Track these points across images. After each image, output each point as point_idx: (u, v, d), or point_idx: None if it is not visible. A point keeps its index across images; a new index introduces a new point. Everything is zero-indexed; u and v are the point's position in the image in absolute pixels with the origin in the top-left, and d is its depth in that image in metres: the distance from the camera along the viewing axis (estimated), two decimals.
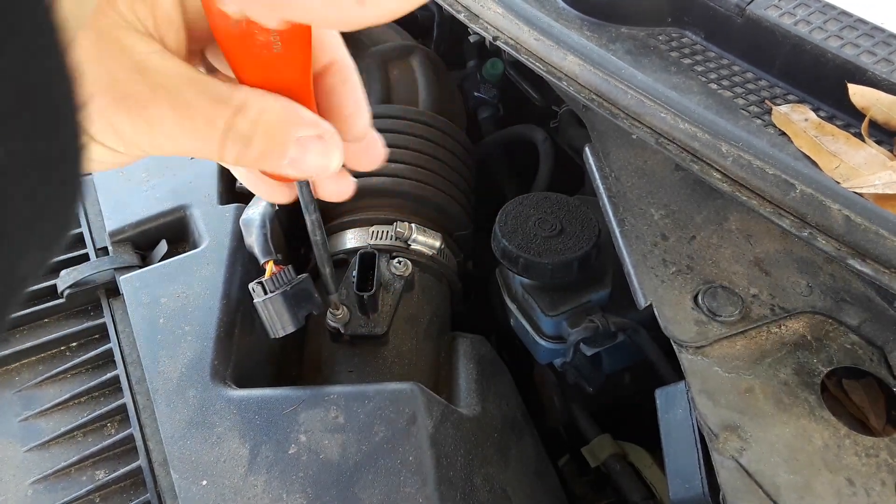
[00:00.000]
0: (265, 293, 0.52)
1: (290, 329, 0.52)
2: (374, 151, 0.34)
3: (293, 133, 0.27)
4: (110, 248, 0.66)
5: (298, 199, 0.45)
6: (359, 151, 0.33)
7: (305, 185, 0.38)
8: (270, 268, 0.54)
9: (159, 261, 0.64)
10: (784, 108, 0.56)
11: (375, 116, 0.79)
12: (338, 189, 0.35)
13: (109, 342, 0.60)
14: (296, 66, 0.26)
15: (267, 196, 0.35)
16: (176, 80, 0.25)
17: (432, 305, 0.69)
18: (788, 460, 0.40)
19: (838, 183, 0.49)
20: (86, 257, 0.66)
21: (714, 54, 0.63)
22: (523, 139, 0.93)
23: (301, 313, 0.53)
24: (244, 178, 0.35)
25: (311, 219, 0.52)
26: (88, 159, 0.26)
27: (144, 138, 0.25)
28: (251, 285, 0.53)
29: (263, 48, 0.25)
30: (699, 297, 0.47)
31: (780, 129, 0.55)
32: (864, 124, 0.53)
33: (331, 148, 0.28)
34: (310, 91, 0.28)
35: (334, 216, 0.74)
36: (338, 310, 0.60)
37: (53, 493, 0.52)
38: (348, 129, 0.31)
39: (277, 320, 0.52)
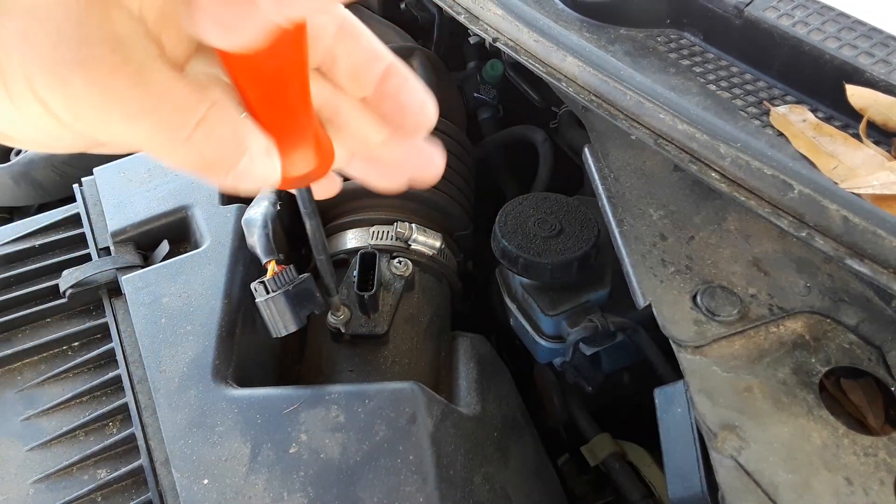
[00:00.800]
0: (267, 292, 0.52)
1: (292, 328, 0.53)
2: (432, 162, 0.32)
3: (249, 142, 0.25)
4: (112, 248, 0.66)
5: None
6: (415, 162, 0.32)
7: (306, 189, 0.37)
8: (272, 267, 0.54)
9: (161, 261, 0.64)
10: (782, 109, 0.57)
11: None
12: (324, 187, 0.33)
13: (111, 342, 0.60)
14: (294, 83, 0.25)
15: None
16: (150, 60, 0.22)
17: (432, 305, 0.69)
18: (787, 459, 0.40)
19: (836, 183, 0.49)
20: (88, 257, 0.67)
21: (713, 55, 0.64)
22: (523, 140, 0.93)
23: (303, 313, 0.53)
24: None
25: (311, 224, 0.52)
26: (21, 125, 0.23)
27: (95, 106, 0.22)
28: (253, 285, 0.53)
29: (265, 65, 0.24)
30: (698, 297, 0.47)
31: (778, 130, 0.56)
32: (862, 125, 0.54)
33: (270, 162, 0.26)
34: (309, 105, 0.26)
35: (335, 216, 0.74)
36: (339, 312, 0.60)
37: (55, 493, 0.52)
38: (418, 126, 0.30)
39: (279, 319, 0.53)
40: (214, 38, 0.21)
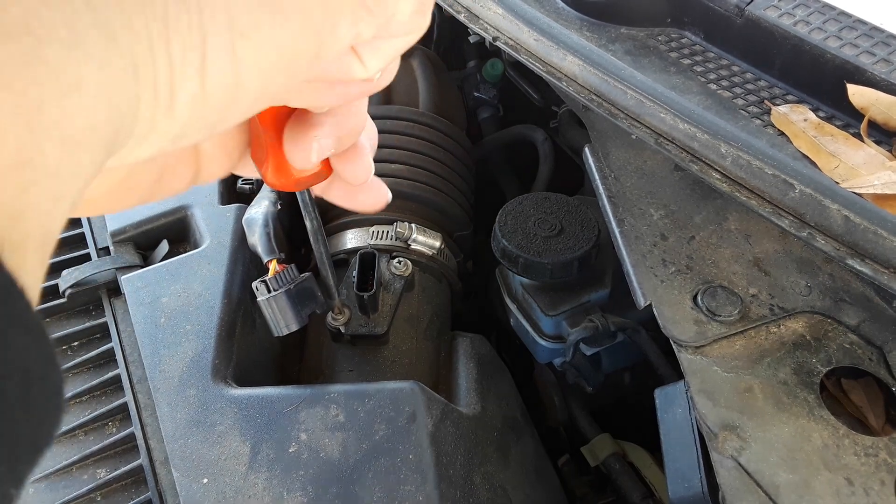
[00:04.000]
0: (269, 291, 0.52)
1: (294, 327, 0.53)
2: (377, 194, 0.33)
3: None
4: (112, 247, 0.66)
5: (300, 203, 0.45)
6: (362, 194, 0.33)
7: (307, 190, 0.38)
8: (274, 266, 0.54)
9: (160, 260, 0.64)
10: (783, 109, 0.56)
11: (375, 117, 0.79)
12: (373, 198, 0.33)
13: (111, 341, 0.60)
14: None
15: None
16: None
17: (432, 305, 0.69)
18: (787, 460, 0.40)
19: (837, 183, 0.49)
20: (87, 257, 0.67)
21: (713, 55, 0.64)
22: (523, 139, 0.93)
23: (304, 311, 0.53)
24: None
25: (311, 224, 0.52)
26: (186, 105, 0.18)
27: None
28: (255, 283, 0.53)
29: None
30: (698, 297, 0.47)
31: (779, 130, 0.56)
32: (863, 124, 0.53)
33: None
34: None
35: (335, 216, 0.74)
36: (340, 314, 0.60)
37: (55, 492, 0.52)
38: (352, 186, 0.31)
39: (281, 318, 0.52)
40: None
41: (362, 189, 0.33)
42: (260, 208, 0.62)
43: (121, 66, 0.15)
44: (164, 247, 0.67)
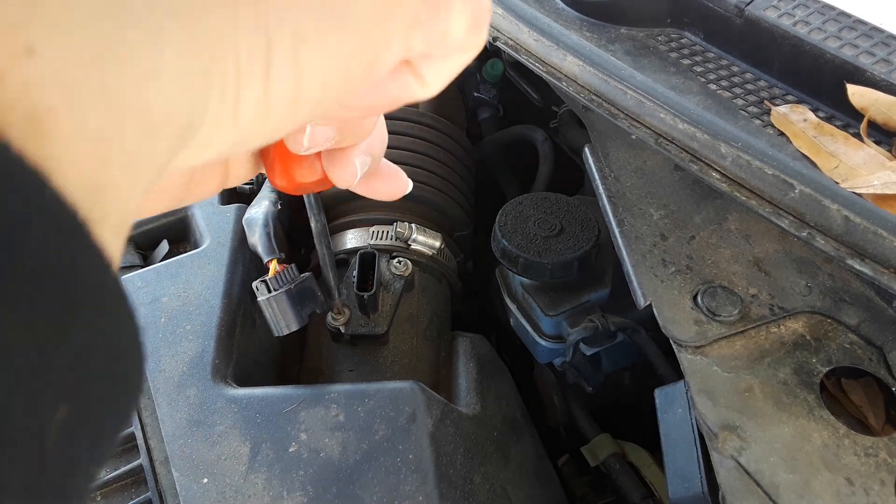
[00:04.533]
0: (269, 291, 0.52)
1: (294, 327, 0.53)
2: (396, 182, 0.32)
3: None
4: None
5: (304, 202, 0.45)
6: (379, 181, 0.32)
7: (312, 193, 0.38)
8: (274, 266, 0.54)
9: (160, 260, 0.64)
10: (783, 109, 0.57)
11: None
12: (392, 186, 0.32)
13: None
14: None
15: None
16: None
17: (432, 305, 0.69)
18: (787, 460, 0.40)
19: (837, 183, 0.49)
20: None
21: (713, 55, 0.64)
22: (523, 139, 0.93)
23: (305, 311, 0.53)
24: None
25: (316, 226, 0.52)
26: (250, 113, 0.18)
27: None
28: (255, 283, 0.53)
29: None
30: (698, 297, 0.47)
31: (779, 130, 0.56)
32: (863, 124, 0.54)
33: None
34: None
35: (335, 216, 0.74)
36: (340, 314, 0.60)
37: None
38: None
39: (281, 318, 0.52)
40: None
41: (380, 177, 0.32)
42: (260, 208, 0.62)
43: (195, 59, 0.15)
44: (164, 247, 0.67)
